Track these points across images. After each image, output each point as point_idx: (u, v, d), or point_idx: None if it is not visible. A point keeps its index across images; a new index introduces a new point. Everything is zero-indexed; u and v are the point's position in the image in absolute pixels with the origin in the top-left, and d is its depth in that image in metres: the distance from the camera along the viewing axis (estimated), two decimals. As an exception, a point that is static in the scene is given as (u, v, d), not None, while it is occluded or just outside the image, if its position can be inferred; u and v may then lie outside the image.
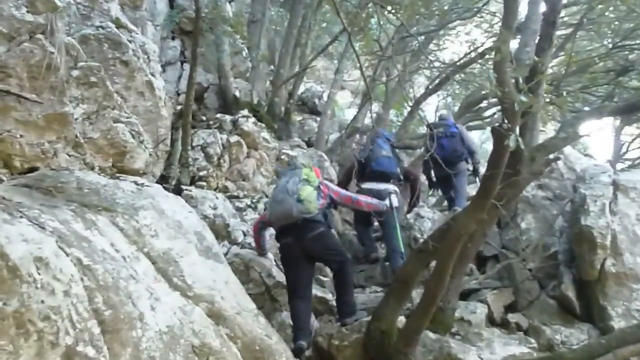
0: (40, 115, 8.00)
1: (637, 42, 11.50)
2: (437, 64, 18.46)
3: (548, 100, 8.51)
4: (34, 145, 7.97)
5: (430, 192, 14.55)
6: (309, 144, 15.82)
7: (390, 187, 10.77)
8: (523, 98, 6.26)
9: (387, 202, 9.86)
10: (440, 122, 13.03)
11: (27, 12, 8.02)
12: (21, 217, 5.84)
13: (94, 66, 8.60)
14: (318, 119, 17.87)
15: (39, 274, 5.35)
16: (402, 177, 11.43)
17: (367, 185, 10.93)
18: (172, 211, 7.59)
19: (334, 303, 9.20)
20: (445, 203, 14.14)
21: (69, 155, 8.23)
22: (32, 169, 7.72)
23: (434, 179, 13.18)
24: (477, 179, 12.64)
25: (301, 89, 17.36)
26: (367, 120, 16.13)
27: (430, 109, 19.17)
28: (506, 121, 6.60)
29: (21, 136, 7.86)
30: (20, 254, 5.32)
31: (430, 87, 17.68)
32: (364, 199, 9.47)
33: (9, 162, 7.72)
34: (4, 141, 7.70)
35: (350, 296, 9.00)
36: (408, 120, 17.29)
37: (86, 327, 5.45)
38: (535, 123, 8.69)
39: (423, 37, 16.51)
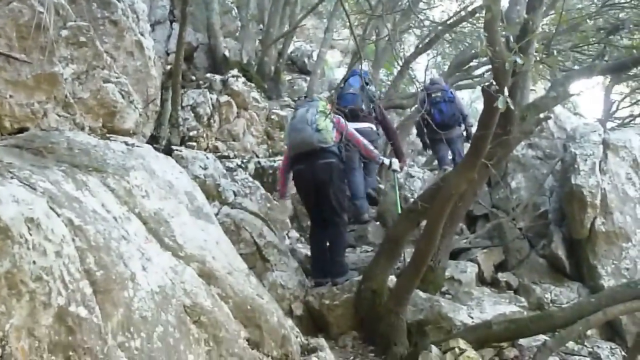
0: (30, 75, 7.96)
1: (628, 0, 11.48)
2: (427, 22, 18.40)
3: (539, 59, 8.47)
4: (24, 105, 7.93)
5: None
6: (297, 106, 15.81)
7: (362, 125, 10.75)
8: (514, 57, 6.25)
9: (385, 160, 9.77)
10: (436, 86, 12.94)
11: (15, -28, 7.97)
12: (12, 177, 5.83)
13: (83, 26, 8.55)
14: (308, 78, 17.85)
15: (30, 234, 5.34)
16: (374, 114, 11.28)
17: None
18: (163, 171, 7.58)
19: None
20: (435, 162, 14.14)
21: (59, 116, 8.20)
22: (22, 130, 7.70)
23: (427, 141, 13.15)
24: (469, 142, 12.63)
25: (291, 48, 17.33)
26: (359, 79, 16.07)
27: (420, 68, 19.11)
28: (496, 81, 6.58)
29: (10, 96, 7.83)
30: (11, 215, 5.31)
31: (420, 46, 17.64)
32: (365, 142, 9.37)
33: (-1, 122, 7.70)
34: (-7, 101, 7.69)
35: (342, 256, 9.10)
36: (398, 80, 17.26)
37: (78, 288, 5.45)
38: (526, 82, 8.66)
39: (412, -4, 16.44)
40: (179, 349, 6.01)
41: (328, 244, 9.15)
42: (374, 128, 10.97)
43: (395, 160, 9.87)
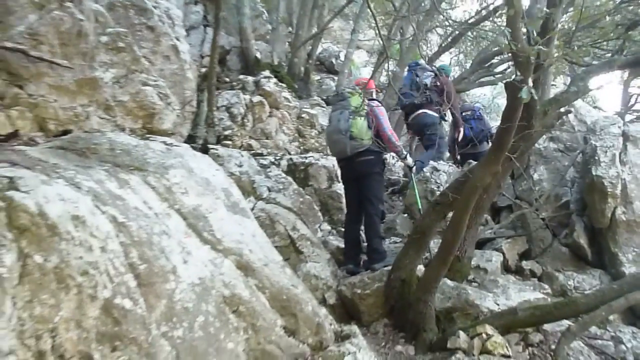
0: (72, 80, 8.03)
1: (644, -3, 11.43)
2: (449, 22, 18.36)
3: (561, 53, 8.43)
4: (67, 109, 8.00)
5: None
6: (328, 102, 15.79)
7: (419, 111, 11.78)
8: (536, 51, 6.24)
9: (409, 159, 9.80)
10: (468, 105, 13.37)
11: (57, -18, 8.03)
12: (58, 177, 5.87)
13: (121, 32, 8.60)
14: (336, 78, 17.87)
15: (76, 231, 5.39)
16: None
17: None
18: (200, 169, 7.61)
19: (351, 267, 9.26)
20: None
21: (101, 118, 8.27)
22: (66, 132, 7.76)
23: (458, 157, 13.28)
24: None
25: (319, 49, 17.32)
26: (383, 78, 16.07)
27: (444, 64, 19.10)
28: (520, 75, 6.57)
29: (55, 100, 7.90)
30: (58, 213, 5.36)
31: (444, 45, 17.61)
32: (391, 137, 9.27)
33: (44, 125, 7.76)
34: (38, 106, 7.73)
35: (378, 244, 9.18)
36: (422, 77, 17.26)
37: (123, 281, 5.50)
38: (547, 77, 8.65)
39: (435, -3, 16.39)
40: (219, 338, 6.04)
41: (364, 233, 9.23)
42: (430, 112, 11.23)
43: (410, 160, 9.98)
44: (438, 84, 11.94)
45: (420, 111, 10.97)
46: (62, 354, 5.03)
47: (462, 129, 12.56)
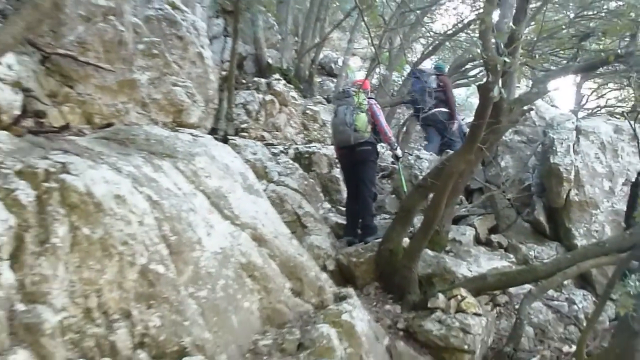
0: (114, 81, 8.04)
1: (595, 12, 11.42)
2: (430, 33, 18.37)
3: (523, 61, 8.44)
4: (110, 105, 8.02)
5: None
6: (328, 100, 15.77)
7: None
8: (503, 59, 6.25)
9: (398, 151, 9.89)
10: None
11: (101, 2, 8.03)
12: (102, 163, 5.89)
13: (155, 41, 8.60)
14: (334, 80, 17.82)
15: (118, 208, 5.41)
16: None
17: None
18: (221, 156, 7.62)
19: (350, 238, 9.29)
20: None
21: (138, 113, 8.28)
22: (109, 125, 7.77)
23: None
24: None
25: (321, 56, 17.27)
26: (375, 80, 16.04)
27: (425, 69, 19.08)
28: (490, 78, 6.59)
29: (99, 98, 7.92)
30: (102, 193, 5.38)
31: (425, 52, 17.59)
32: (386, 130, 9.39)
33: (90, 119, 7.78)
34: (86, 103, 7.76)
35: (369, 221, 9.23)
36: (407, 80, 17.27)
37: (156, 250, 5.52)
38: (513, 80, 8.63)
39: (419, 12, 16.37)
40: (237, 298, 6.07)
41: (360, 212, 9.27)
42: (442, 109, 11.29)
43: (399, 151, 10.04)
44: (441, 84, 11.93)
45: (439, 109, 10.98)
46: (106, 310, 5.06)
47: (456, 122, 12.57)
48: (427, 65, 18.58)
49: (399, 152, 10.03)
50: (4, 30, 5.38)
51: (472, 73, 17.22)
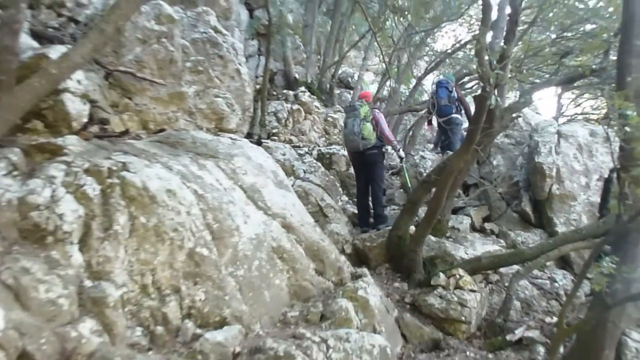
0: (166, 93, 8.07)
1: (574, 33, 11.37)
2: (433, 52, 18.32)
3: (513, 75, 8.40)
4: (162, 114, 8.04)
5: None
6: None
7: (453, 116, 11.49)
8: (496, 74, 6.21)
9: (401, 152, 9.91)
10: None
11: (155, 23, 8.05)
12: (156, 162, 5.91)
13: (200, 59, 8.62)
14: (351, 91, 17.78)
15: (169, 200, 5.43)
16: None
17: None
18: (256, 157, 7.63)
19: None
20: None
21: (186, 120, 8.30)
22: (161, 130, 7.80)
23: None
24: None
25: (339, 71, 17.25)
26: (385, 92, 16.01)
27: (428, 84, 19.00)
28: (484, 91, 6.55)
29: (153, 108, 7.95)
30: (156, 187, 5.40)
31: (428, 68, 17.52)
32: (389, 135, 9.35)
33: (146, 126, 7.82)
34: (142, 112, 7.80)
35: (381, 211, 9.26)
36: (413, 92, 17.19)
37: (201, 236, 5.54)
38: (504, 92, 8.62)
39: (423, 34, 16.32)
40: (269, 276, 6.07)
41: (371, 203, 9.26)
42: (458, 116, 11.17)
43: (402, 152, 10.05)
44: (457, 94, 11.84)
45: (452, 115, 10.90)
46: (159, 286, 5.08)
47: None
48: (430, 78, 18.59)
49: (401, 153, 10.01)
50: (75, 51, 5.41)
51: (468, 85, 17.11)
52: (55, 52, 6.45)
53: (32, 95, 4.98)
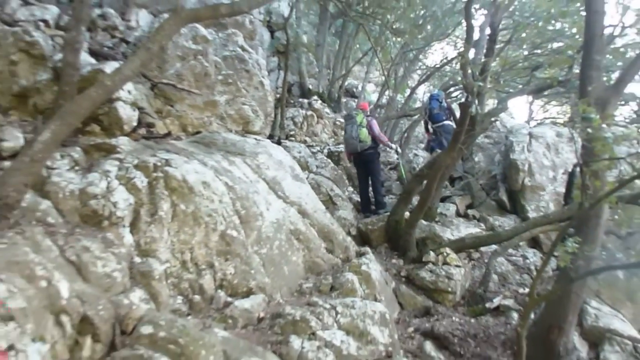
0: (201, 102, 8.07)
1: (543, 50, 11.32)
2: (425, 66, 18.27)
3: (491, 86, 8.35)
4: (198, 118, 8.04)
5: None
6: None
7: (445, 123, 11.11)
8: (478, 84, 6.18)
9: (393, 146, 10.05)
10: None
11: (192, 43, 8.06)
12: (193, 159, 5.92)
13: (230, 74, 8.60)
14: (355, 99, 17.74)
15: (204, 190, 5.44)
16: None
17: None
18: (276, 154, 7.63)
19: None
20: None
21: (218, 124, 8.30)
22: (198, 132, 7.81)
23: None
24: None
25: (346, 83, 17.23)
26: (384, 100, 15.96)
27: (421, 93, 18.95)
28: (467, 99, 6.54)
29: (191, 114, 7.95)
30: (193, 179, 5.42)
31: (421, 80, 17.47)
32: (381, 136, 9.39)
33: (185, 128, 7.83)
34: (182, 117, 7.80)
35: (381, 199, 9.26)
36: (408, 99, 17.15)
37: (231, 220, 5.54)
38: (484, 100, 8.58)
39: (416, 51, 16.27)
40: (287, 254, 6.08)
41: (371, 192, 9.26)
42: (450, 123, 11.11)
43: (394, 146, 10.32)
44: (447, 105, 11.74)
45: (444, 122, 10.84)
46: (196, 262, 5.09)
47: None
48: (422, 88, 18.53)
49: (396, 148, 10.33)
50: (126, 66, 5.42)
51: (454, 95, 17.04)
52: (109, 67, 6.48)
53: (90, 103, 5.00)
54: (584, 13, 6.47)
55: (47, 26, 7.43)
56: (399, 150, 10.61)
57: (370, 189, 9.39)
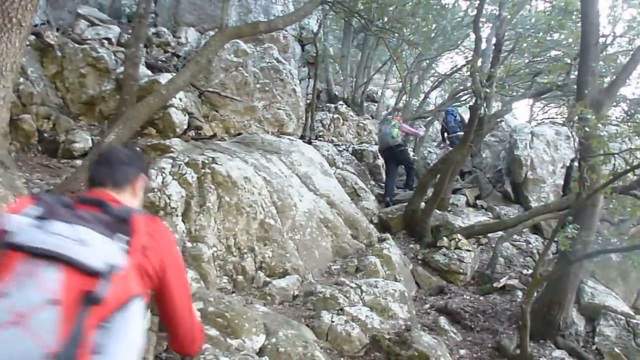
0: (242, 107, 8.11)
1: (543, 58, 11.16)
2: (437, 74, 18.10)
3: (497, 90, 8.25)
4: (239, 122, 8.09)
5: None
6: (373, 117, 15.65)
7: (459, 133, 11.28)
8: (485, 89, 6.11)
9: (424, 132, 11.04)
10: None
11: (234, 56, 8.10)
12: (236, 157, 5.94)
13: (266, 82, 8.63)
14: (376, 104, 17.63)
15: (246, 184, 5.46)
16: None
17: None
18: (307, 152, 7.62)
19: (388, 200, 9.25)
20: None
21: (256, 127, 8.33)
22: (239, 134, 7.85)
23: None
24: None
25: (367, 89, 17.14)
26: (401, 104, 15.83)
27: (433, 96, 18.79)
28: (476, 102, 6.47)
29: (233, 118, 8.00)
30: (236, 175, 5.44)
31: (433, 86, 17.31)
32: (413, 130, 10.27)
33: (228, 130, 7.88)
34: (225, 120, 7.87)
35: (411, 180, 9.83)
36: (422, 103, 17.02)
37: (269, 210, 5.56)
38: (491, 103, 8.46)
39: (429, 60, 16.12)
40: (318, 239, 6.07)
41: (406, 178, 9.98)
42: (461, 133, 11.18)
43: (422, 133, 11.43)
44: (460, 117, 11.62)
45: (458, 133, 10.74)
46: (239, 247, 5.12)
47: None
48: (434, 94, 18.34)
49: (422, 133, 12.16)
50: (178, 77, 5.48)
51: (463, 98, 16.83)
52: (163, 78, 6.56)
53: (149, 110, 5.06)
54: (579, 24, 6.37)
55: (110, 43, 7.56)
56: (424, 131, 12.38)
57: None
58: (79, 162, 5.35)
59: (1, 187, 4.00)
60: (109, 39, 7.64)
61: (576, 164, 5.56)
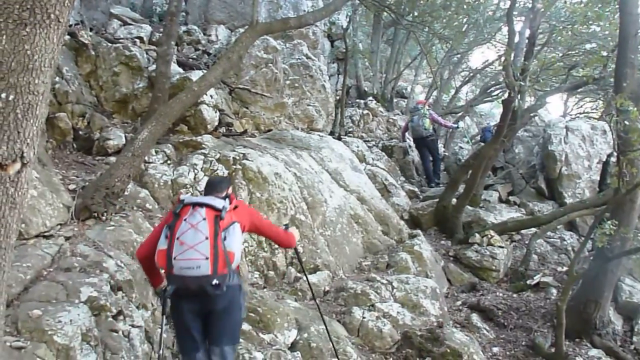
0: (272, 104, 8.14)
1: (578, 51, 10.91)
2: (469, 68, 17.87)
3: (531, 84, 8.11)
4: (270, 118, 8.12)
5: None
6: (402, 113, 15.54)
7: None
8: (519, 83, 6.02)
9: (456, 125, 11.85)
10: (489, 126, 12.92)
11: (264, 53, 8.12)
12: (266, 153, 5.98)
13: (296, 79, 8.65)
14: (405, 100, 17.51)
15: (276, 180, 5.48)
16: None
17: None
18: (337, 148, 7.64)
19: (419, 194, 9.21)
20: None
21: (286, 123, 8.35)
22: (269, 130, 7.88)
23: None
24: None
25: (397, 85, 17.01)
26: (431, 100, 15.68)
27: (464, 92, 18.56)
28: (509, 96, 6.38)
29: (263, 114, 8.03)
30: (267, 171, 5.47)
31: (464, 81, 17.10)
32: (445, 122, 10.62)
33: (258, 127, 7.91)
34: (256, 117, 7.90)
35: (438, 169, 10.18)
36: (453, 98, 16.86)
37: (300, 206, 5.58)
38: (524, 97, 8.31)
39: (460, 55, 15.92)
40: (349, 236, 6.07)
41: (432, 166, 10.08)
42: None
43: (455, 125, 12.03)
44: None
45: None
46: (270, 242, 5.14)
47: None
48: (465, 89, 18.10)
49: (454, 125, 12.42)
50: (209, 74, 5.52)
51: (494, 94, 16.55)
52: (195, 75, 6.62)
53: (181, 106, 5.12)
54: (617, 16, 6.23)
55: (142, 42, 7.66)
56: (457, 124, 12.92)
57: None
58: (113, 158, 5.43)
59: (39, 183, 4.10)
60: (141, 38, 7.74)
61: (614, 158, 5.43)
